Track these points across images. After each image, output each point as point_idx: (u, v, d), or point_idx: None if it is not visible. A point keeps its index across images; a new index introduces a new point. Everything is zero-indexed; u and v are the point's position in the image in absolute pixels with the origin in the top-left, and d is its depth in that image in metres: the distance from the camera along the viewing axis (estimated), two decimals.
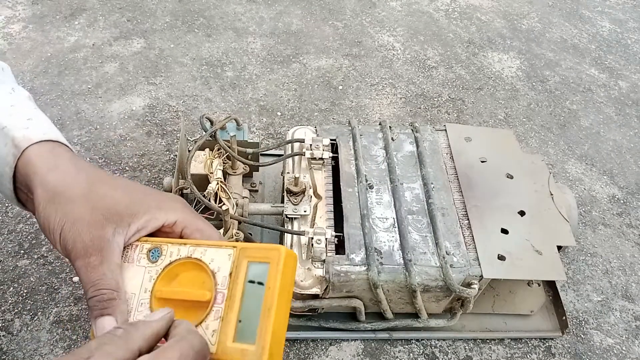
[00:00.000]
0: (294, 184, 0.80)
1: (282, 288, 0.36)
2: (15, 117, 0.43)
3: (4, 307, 0.81)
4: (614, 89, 1.41)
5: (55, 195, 0.39)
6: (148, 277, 0.39)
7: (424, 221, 0.79)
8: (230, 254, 0.38)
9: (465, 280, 0.74)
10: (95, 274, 0.37)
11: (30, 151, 0.41)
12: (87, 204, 0.38)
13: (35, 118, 0.44)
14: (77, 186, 0.39)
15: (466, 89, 1.34)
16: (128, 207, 0.39)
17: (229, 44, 1.36)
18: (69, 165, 0.41)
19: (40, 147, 0.42)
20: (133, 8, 1.42)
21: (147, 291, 0.38)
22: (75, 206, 0.38)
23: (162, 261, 0.39)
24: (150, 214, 0.40)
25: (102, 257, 0.37)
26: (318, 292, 0.74)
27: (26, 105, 0.46)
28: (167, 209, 0.41)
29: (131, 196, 0.40)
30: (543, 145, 1.22)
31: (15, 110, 0.44)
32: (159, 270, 0.39)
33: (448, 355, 0.84)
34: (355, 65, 1.35)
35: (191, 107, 1.18)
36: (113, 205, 0.39)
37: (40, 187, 0.39)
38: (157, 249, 0.40)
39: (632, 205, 1.12)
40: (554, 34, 1.57)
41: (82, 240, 0.37)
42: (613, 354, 0.87)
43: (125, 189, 0.41)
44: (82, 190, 0.39)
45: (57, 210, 0.38)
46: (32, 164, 0.40)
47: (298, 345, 0.82)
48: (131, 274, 0.39)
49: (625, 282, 0.98)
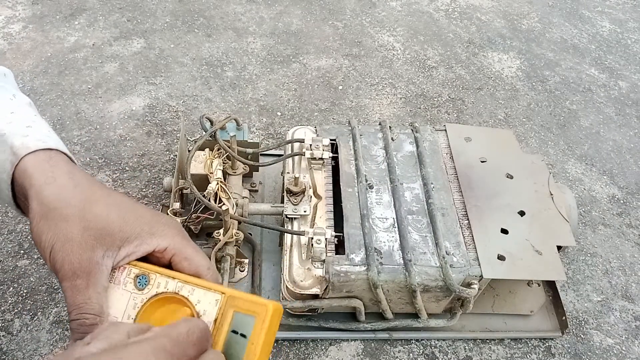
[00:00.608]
0: (294, 184, 0.80)
1: (265, 343, 0.36)
2: (14, 124, 0.43)
3: (4, 307, 0.81)
4: (614, 89, 1.41)
5: (49, 211, 0.39)
6: (132, 304, 0.39)
7: (424, 221, 0.79)
8: (218, 299, 0.37)
9: (465, 280, 0.74)
10: (80, 297, 0.37)
11: (28, 160, 0.41)
12: (80, 223, 0.38)
13: (34, 125, 0.44)
14: (72, 203, 0.39)
15: (466, 89, 1.34)
16: (120, 229, 0.39)
17: (229, 44, 1.36)
18: (66, 178, 0.41)
19: (38, 156, 0.41)
20: (133, 8, 1.42)
21: (130, 318, 0.38)
22: (67, 225, 0.38)
23: (149, 291, 0.39)
24: (142, 239, 0.40)
25: (88, 281, 0.37)
26: (318, 292, 0.74)
27: (26, 112, 0.46)
28: (159, 235, 0.40)
29: (125, 218, 0.40)
30: (543, 145, 1.22)
31: (15, 117, 0.44)
32: (144, 300, 0.39)
33: (448, 355, 0.84)
34: (355, 65, 1.35)
35: (191, 107, 1.18)
36: (105, 227, 0.39)
37: (35, 200, 0.39)
38: (145, 277, 0.39)
39: (632, 205, 1.12)
40: (554, 34, 1.57)
41: (71, 261, 0.37)
42: (613, 354, 0.87)
43: (120, 209, 0.40)
44: (75, 208, 0.39)
45: (49, 227, 0.38)
46: (29, 175, 0.40)
47: (298, 345, 0.82)
48: (116, 297, 0.39)
49: (625, 282, 0.98)
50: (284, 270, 0.76)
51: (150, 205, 0.97)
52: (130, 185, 1.00)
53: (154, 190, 1.00)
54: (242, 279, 0.86)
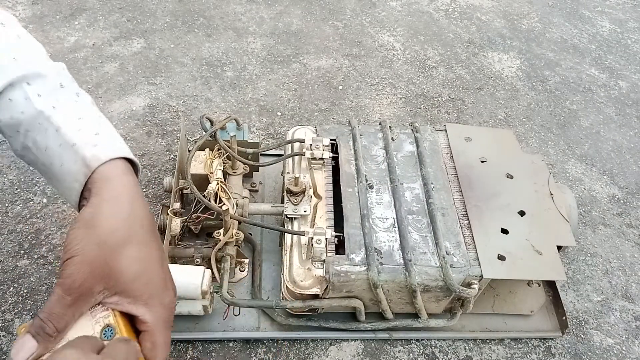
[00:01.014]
0: (294, 184, 0.80)
1: None
2: (84, 132, 0.46)
3: (4, 307, 0.81)
4: (614, 89, 1.41)
5: (94, 227, 0.42)
6: None
7: (424, 221, 0.79)
8: None
9: (465, 280, 0.74)
10: (59, 308, 0.40)
11: (98, 172, 0.44)
12: (105, 255, 0.42)
13: (101, 131, 0.47)
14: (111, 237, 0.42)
15: (466, 89, 1.34)
16: (127, 284, 0.43)
17: (229, 44, 1.36)
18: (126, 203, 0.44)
19: (109, 167, 0.45)
20: (133, 8, 1.42)
21: None
22: (96, 250, 0.41)
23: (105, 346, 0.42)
24: (136, 302, 0.43)
25: (75, 303, 0.40)
26: (318, 292, 0.74)
27: (92, 115, 0.48)
28: (150, 309, 0.44)
29: (138, 276, 0.43)
30: (543, 145, 1.22)
31: (83, 124, 0.46)
32: None
33: (448, 355, 0.84)
34: (355, 65, 1.35)
35: (191, 107, 1.18)
36: (119, 273, 0.42)
37: (91, 208, 0.43)
38: (112, 331, 0.42)
39: (632, 205, 1.12)
40: (554, 34, 1.57)
41: (75, 279, 0.40)
42: (613, 354, 0.87)
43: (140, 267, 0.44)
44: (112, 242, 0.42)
45: (83, 239, 0.41)
46: (97, 186, 0.44)
47: (298, 345, 0.82)
48: (81, 325, 0.42)
49: (625, 282, 0.98)
50: (284, 270, 0.76)
51: (150, 205, 0.97)
52: None
53: (154, 190, 1.00)
54: (242, 279, 0.86)
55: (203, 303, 0.73)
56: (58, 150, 0.45)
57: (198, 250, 0.81)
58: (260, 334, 0.81)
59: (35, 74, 0.47)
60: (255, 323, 0.82)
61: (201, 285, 0.70)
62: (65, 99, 0.48)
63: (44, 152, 0.46)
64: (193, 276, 0.70)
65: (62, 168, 0.45)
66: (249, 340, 0.81)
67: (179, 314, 0.74)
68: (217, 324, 0.81)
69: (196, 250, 0.81)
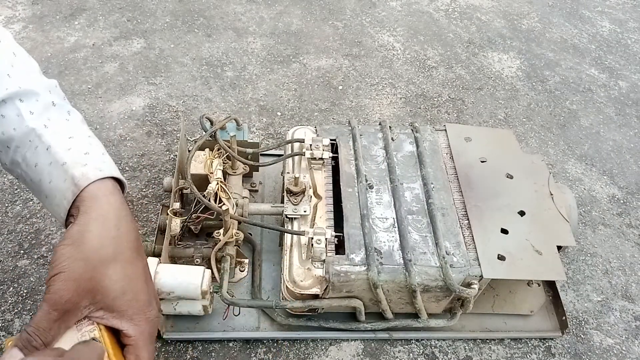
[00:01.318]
0: (294, 184, 0.80)
1: None
2: (74, 151, 0.47)
3: (4, 307, 0.81)
4: (614, 89, 1.41)
5: (82, 245, 0.44)
6: None
7: (424, 221, 0.79)
8: None
9: (465, 280, 0.74)
10: (46, 323, 0.42)
11: (87, 190, 0.46)
12: (91, 272, 0.43)
13: (91, 151, 0.49)
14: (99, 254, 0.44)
15: (466, 89, 1.34)
16: (113, 299, 0.45)
17: (229, 44, 1.36)
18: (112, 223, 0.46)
19: (97, 186, 0.46)
20: (133, 8, 1.42)
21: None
22: (82, 267, 0.43)
23: None
24: (121, 316, 0.45)
25: (61, 317, 0.42)
26: (318, 292, 0.74)
27: (82, 134, 0.50)
28: (135, 324, 0.46)
29: (124, 292, 0.45)
30: (543, 145, 1.22)
31: (73, 143, 0.48)
32: None
33: (448, 355, 0.84)
34: (355, 65, 1.35)
35: (191, 107, 1.18)
36: (105, 289, 0.44)
37: (78, 226, 0.44)
38: None
39: (632, 205, 1.12)
40: (554, 34, 1.57)
41: (62, 295, 0.42)
42: (613, 354, 0.87)
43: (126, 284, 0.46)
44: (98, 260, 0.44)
45: (70, 256, 0.43)
46: (86, 205, 0.45)
47: (298, 345, 0.82)
48: (67, 338, 0.43)
49: (625, 282, 0.98)
50: (284, 270, 0.76)
51: (150, 205, 0.97)
52: (130, 185, 1.00)
53: (154, 190, 1.00)
54: (242, 279, 0.86)
55: (203, 303, 0.73)
56: (48, 168, 0.46)
57: (198, 250, 0.81)
58: (260, 334, 0.81)
59: (29, 91, 0.48)
60: (255, 323, 0.82)
61: (201, 285, 0.70)
62: (57, 117, 0.49)
63: (33, 169, 0.47)
64: (193, 276, 0.70)
65: (50, 185, 0.46)
66: (249, 340, 0.81)
67: (179, 314, 0.74)
68: (217, 324, 0.81)
69: (196, 250, 0.81)
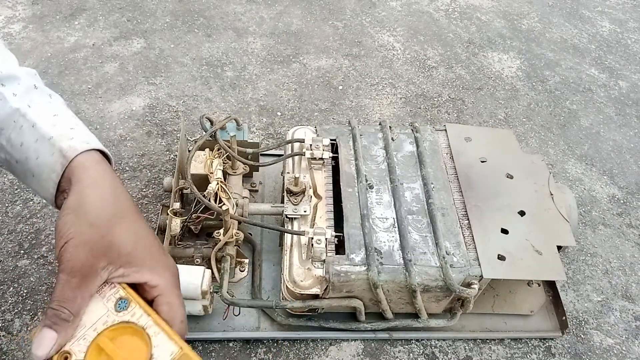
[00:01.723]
0: (294, 184, 0.80)
1: None
2: (59, 127, 0.47)
3: (4, 307, 0.81)
4: (614, 89, 1.41)
5: (81, 209, 0.42)
6: (104, 320, 0.41)
7: (424, 221, 0.79)
8: (174, 352, 0.41)
9: (465, 280, 0.74)
10: (68, 293, 0.40)
11: (76, 161, 0.45)
12: (100, 232, 0.42)
13: (76, 127, 0.48)
14: (102, 214, 0.43)
15: (466, 89, 1.34)
16: (128, 253, 0.43)
17: (229, 44, 1.36)
18: (109, 188, 0.45)
19: (84, 157, 0.45)
20: (133, 8, 1.42)
21: (95, 331, 0.41)
22: (90, 230, 0.42)
23: (123, 316, 0.42)
24: (141, 269, 0.43)
25: (82, 283, 0.40)
26: (318, 292, 0.74)
27: (66, 112, 0.50)
28: (157, 273, 0.44)
29: (136, 245, 0.44)
30: (543, 145, 1.22)
31: (58, 120, 0.48)
32: (115, 321, 0.41)
33: (448, 355, 0.84)
34: (355, 65, 1.35)
35: (191, 107, 1.18)
36: (118, 245, 0.42)
37: (75, 195, 0.43)
38: (126, 302, 0.42)
39: (632, 205, 1.12)
40: (554, 34, 1.57)
41: (76, 260, 0.40)
42: (613, 354, 0.87)
43: (136, 237, 0.44)
44: (103, 219, 0.43)
45: (74, 223, 0.41)
46: (77, 175, 0.45)
47: (298, 345, 0.82)
48: (94, 307, 0.42)
49: (625, 282, 0.98)
50: (284, 270, 0.76)
51: (150, 205, 0.97)
52: (130, 185, 1.00)
53: (154, 190, 1.00)
54: (242, 279, 0.86)
55: (203, 303, 0.73)
56: (34, 145, 0.46)
57: (198, 250, 0.81)
58: (260, 334, 0.81)
59: (10, 75, 0.49)
60: (255, 323, 0.82)
61: (201, 285, 0.70)
62: (39, 99, 0.49)
63: (19, 149, 0.46)
64: (193, 276, 0.70)
65: (38, 161, 0.46)
66: (249, 340, 0.81)
67: None
68: (217, 324, 0.81)
69: (196, 250, 0.81)
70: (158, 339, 0.41)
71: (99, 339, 0.41)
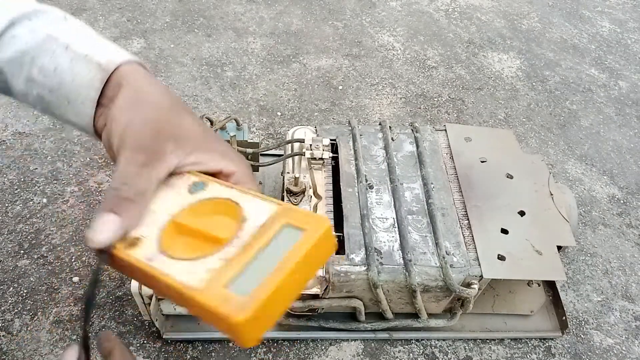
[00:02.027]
0: (294, 184, 0.80)
1: (306, 259, 0.31)
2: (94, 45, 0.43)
3: (4, 307, 0.81)
4: (614, 89, 1.41)
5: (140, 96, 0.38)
6: (178, 204, 0.36)
7: (424, 221, 0.79)
8: (273, 209, 0.35)
9: (465, 280, 0.74)
10: (132, 169, 0.34)
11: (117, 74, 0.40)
12: (166, 115, 0.37)
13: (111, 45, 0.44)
14: (164, 100, 0.38)
15: (466, 89, 1.34)
16: (197, 138, 0.38)
17: (229, 44, 1.36)
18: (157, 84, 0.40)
19: (126, 69, 0.41)
20: (133, 8, 1.42)
21: (169, 215, 0.35)
22: (154, 113, 0.37)
23: (201, 195, 0.36)
24: (215, 156, 0.38)
25: (149, 160, 0.35)
26: (318, 292, 0.74)
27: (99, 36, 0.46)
28: (231, 160, 0.39)
29: (205, 132, 0.39)
30: (543, 145, 1.22)
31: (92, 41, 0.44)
32: (193, 202, 0.36)
33: (448, 355, 0.84)
34: (355, 65, 1.35)
35: (191, 107, 1.18)
36: (187, 130, 0.37)
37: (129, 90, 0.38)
38: (203, 184, 0.37)
39: (632, 205, 1.12)
40: (554, 34, 1.57)
41: (143, 138, 0.35)
42: (613, 354, 0.87)
43: (203, 126, 0.40)
44: (166, 105, 0.38)
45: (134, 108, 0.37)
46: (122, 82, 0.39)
47: (298, 345, 0.82)
48: (164, 196, 0.36)
49: (625, 282, 0.98)
50: None
51: None
52: None
53: None
54: None
55: None
56: (69, 65, 0.42)
57: None
58: None
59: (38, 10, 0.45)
60: None
61: None
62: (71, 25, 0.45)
63: (52, 75, 0.42)
64: None
65: (74, 83, 0.41)
66: None
67: (179, 314, 0.74)
68: None
69: None
70: (250, 204, 0.35)
71: (177, 216, 0.35)
